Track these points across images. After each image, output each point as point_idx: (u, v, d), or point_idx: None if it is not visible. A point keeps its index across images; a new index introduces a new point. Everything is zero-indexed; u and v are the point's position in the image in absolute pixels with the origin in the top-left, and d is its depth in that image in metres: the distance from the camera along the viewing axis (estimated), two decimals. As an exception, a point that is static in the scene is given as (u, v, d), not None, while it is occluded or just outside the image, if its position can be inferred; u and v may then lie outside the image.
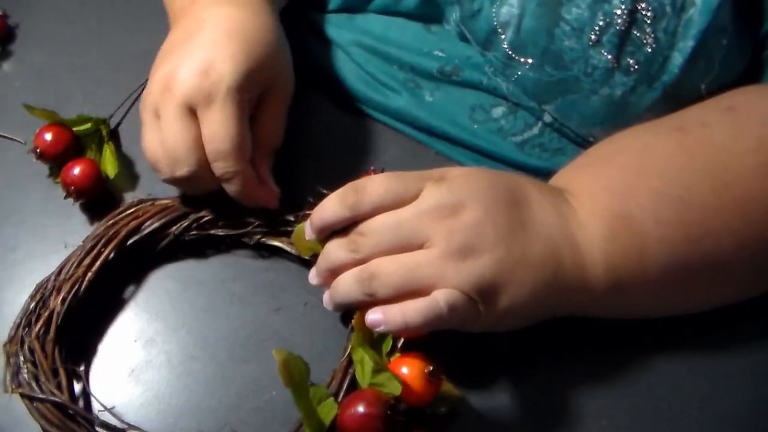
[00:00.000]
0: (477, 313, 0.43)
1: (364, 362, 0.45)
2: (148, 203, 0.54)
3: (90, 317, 0.51)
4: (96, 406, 0.48)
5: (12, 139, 0.61)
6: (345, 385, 0.46)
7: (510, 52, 0.54)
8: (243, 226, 0.53)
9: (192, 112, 0.50)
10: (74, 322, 0.50)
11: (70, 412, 0.45)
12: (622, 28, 0.49)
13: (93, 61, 0.66)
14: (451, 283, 0.42)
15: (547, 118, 0.56)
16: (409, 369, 0.44)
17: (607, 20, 0.49)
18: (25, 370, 0.47)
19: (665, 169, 0.46)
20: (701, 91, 0.51)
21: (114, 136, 0.60)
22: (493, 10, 0.53)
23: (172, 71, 0.50)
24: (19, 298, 0.50)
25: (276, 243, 0.52)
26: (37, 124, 0.58)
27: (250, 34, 0.52)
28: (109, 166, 0.57)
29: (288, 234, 0.52)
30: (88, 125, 0.59)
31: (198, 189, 0.52)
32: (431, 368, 0.44)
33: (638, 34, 0.49)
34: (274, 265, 0.53)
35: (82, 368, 0.49)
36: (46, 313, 0.49)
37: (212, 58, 0.50)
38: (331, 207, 0.46)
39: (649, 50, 0.50)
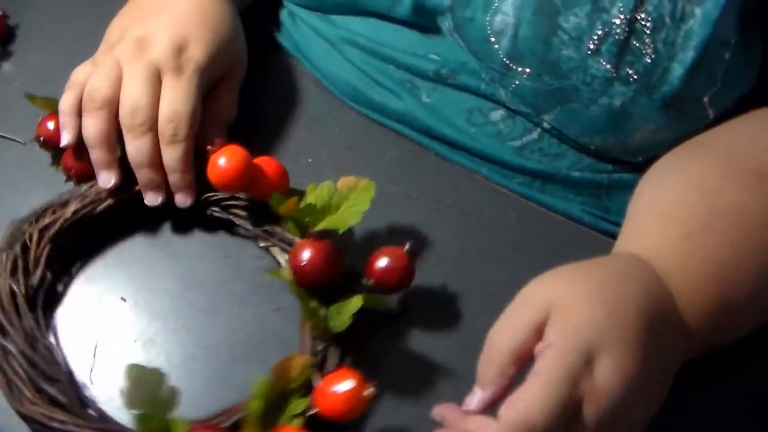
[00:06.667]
0: None
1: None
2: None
3: (90, 315, 0.51)
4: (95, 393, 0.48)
5: (12, 139, 0.61)
6: None
7: (507, 62, 0.53)
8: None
9: (158, 76, 0.54)
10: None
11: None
12: (621, 37, 0.49)
13: (93, 61, 0.65)
14: None
15: (546, 124, 0.56)
16: None
17: (606, 29, 0.49)
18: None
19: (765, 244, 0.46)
20: (704, 104, 0.51)
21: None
22: (487, 18, 0.53)
23: (150, 36, 0.54)
24: (19, 298, 0.50)
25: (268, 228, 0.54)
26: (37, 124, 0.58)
27: (219, 22, 0.57)
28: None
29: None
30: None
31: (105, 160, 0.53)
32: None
33: (637, 44, 0.49)
34: (274, 266, 0.53)
35: (79, 365, 0.49)
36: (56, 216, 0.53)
37: (187, 37, 0.55)
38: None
39: (649, 60, 0.49)
